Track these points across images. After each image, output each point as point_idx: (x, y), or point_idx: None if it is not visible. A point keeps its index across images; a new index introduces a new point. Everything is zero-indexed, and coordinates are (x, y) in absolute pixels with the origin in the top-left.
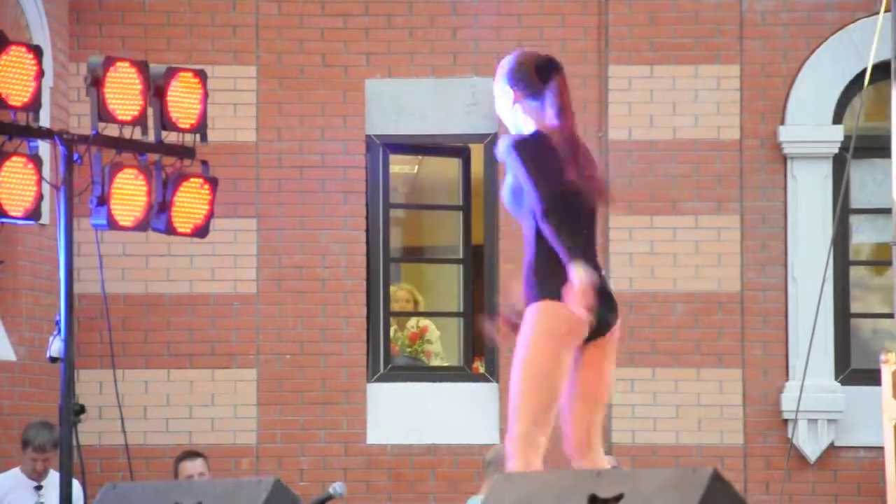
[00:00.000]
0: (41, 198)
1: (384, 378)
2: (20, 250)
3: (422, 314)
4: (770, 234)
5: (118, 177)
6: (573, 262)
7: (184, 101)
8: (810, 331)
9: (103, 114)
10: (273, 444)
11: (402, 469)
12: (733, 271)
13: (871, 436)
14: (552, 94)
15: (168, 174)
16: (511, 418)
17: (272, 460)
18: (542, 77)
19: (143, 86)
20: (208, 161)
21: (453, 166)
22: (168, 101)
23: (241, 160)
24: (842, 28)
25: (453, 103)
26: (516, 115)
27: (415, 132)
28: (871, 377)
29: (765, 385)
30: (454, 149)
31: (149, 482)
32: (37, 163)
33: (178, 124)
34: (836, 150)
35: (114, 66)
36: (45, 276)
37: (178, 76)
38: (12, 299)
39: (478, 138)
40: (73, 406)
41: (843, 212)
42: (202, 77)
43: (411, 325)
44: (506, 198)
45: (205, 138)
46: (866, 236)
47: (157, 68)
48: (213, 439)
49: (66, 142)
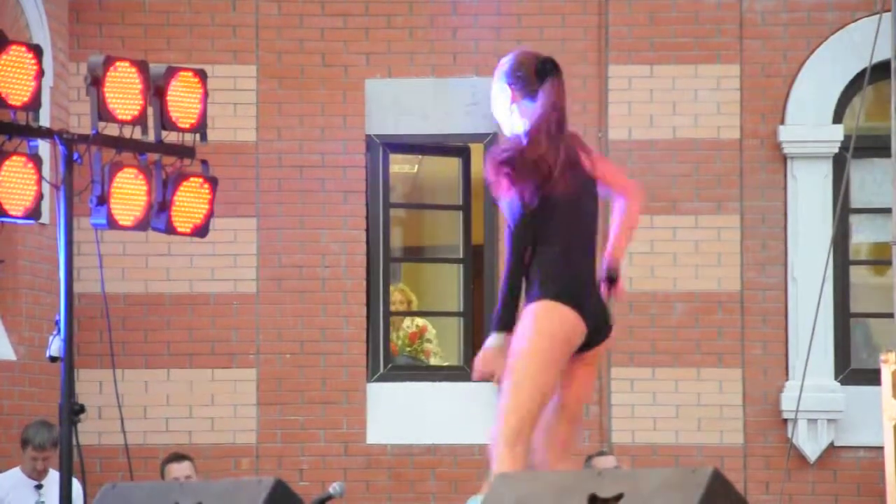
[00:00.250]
0: (41, 197)
1: (384, 378)
2: (20, 250)
3: (422, 314)
4: (770, 234)
5: (118, 176)
6: (495, 325)
7: (184, 100)
8: (810, 331)
9: (103, 113)
10: (273, 443)
11: (402, 469)
12: (733, 271)
13: (871, 436)
14: (545, 94)
15: (168, 174)
16: (501, 412)
17: (272, 460)
18: (540, 77)
19: (143, 85)
20: (208, 161)
21: (453, 166)
22: (168, 101)
23: (241, 160)
24: (842, 28)
25: (453, 103)
26: (512, 115)
27: (415, 132)
28: (871, 377)
29: (765, 385)
30: (454, 148)
31: (148, 482)
32: (37, 162)
33: (178, 124)
34: (836, 150)
35: (114, 66)
36: (45, 275)
37: (177, 76)
38: (12, 299)
39: (478, 138)
40: (73, 406)
41: (843, 211)
42: (202, 77)
43: (407, 325)
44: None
45: (205, 138)
46: (866, 236)
47: (157, 68)
48: (213, 439)
49: (66, 141)
